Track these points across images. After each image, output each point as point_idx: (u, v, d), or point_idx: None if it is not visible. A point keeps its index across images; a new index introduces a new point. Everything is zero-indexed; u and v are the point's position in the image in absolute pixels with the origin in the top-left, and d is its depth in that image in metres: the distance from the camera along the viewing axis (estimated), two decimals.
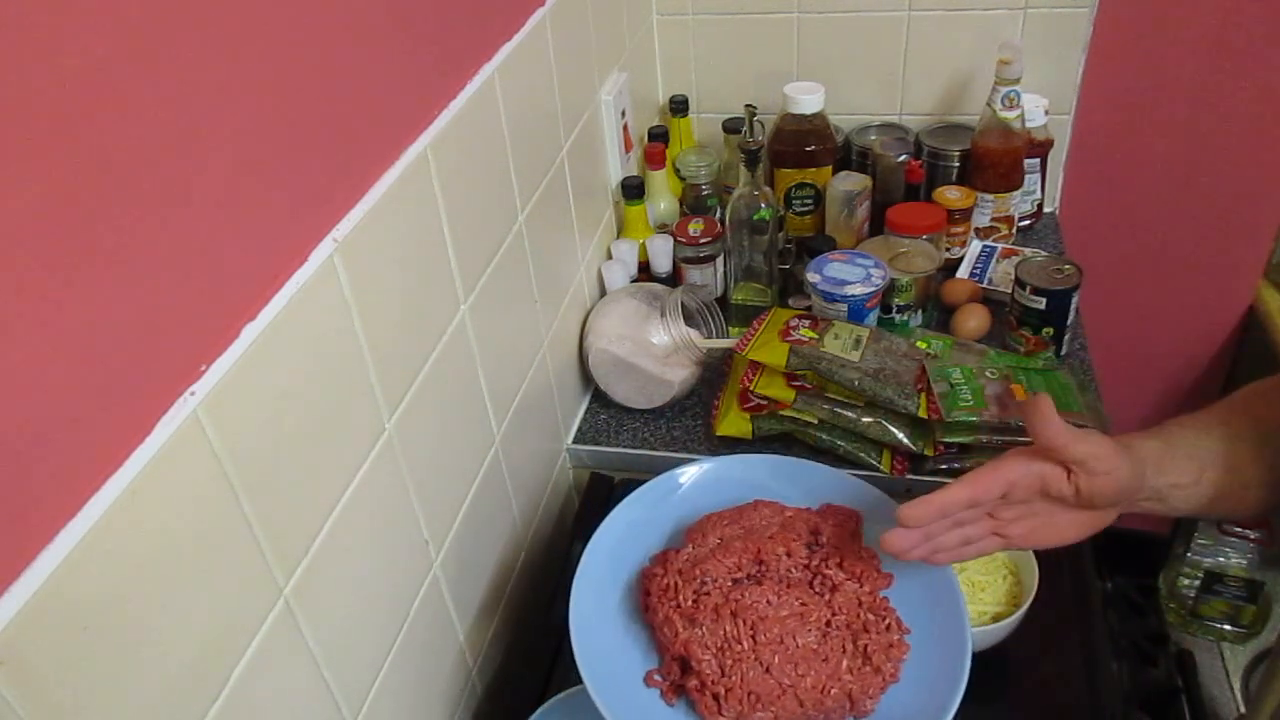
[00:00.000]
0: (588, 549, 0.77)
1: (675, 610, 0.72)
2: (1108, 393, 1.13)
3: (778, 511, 0.79)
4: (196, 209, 0.51)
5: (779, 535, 0.76)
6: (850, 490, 0.82)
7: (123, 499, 0.46)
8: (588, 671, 0.68)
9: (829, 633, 0.71)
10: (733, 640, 0.69)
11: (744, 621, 0.70)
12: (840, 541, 0.76)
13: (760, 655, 0.69)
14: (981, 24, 1.36)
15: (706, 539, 0.76)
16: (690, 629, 0.70)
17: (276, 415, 0.59)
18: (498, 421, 0.94)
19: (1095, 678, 0.84)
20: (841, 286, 1.12)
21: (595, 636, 0.72)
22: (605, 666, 0.69)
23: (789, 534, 0.76)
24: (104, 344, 0.46)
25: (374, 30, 0.68)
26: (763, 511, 0.79)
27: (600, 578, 0.77)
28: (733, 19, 1.43)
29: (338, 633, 0.67)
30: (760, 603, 0.71)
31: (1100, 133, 1.46)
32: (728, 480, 0.84)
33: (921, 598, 0.74)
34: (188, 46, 0.50)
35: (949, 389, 1.04)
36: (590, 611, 0.73)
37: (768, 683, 0.68)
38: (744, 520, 0.78)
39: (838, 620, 0.71)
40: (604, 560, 0.77)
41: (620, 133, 1.27)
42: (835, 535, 0.76)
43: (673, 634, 0.70)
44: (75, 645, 0.44)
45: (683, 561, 0.75)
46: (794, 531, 0.76)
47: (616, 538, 0.79)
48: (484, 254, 0.88)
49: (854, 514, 0.79)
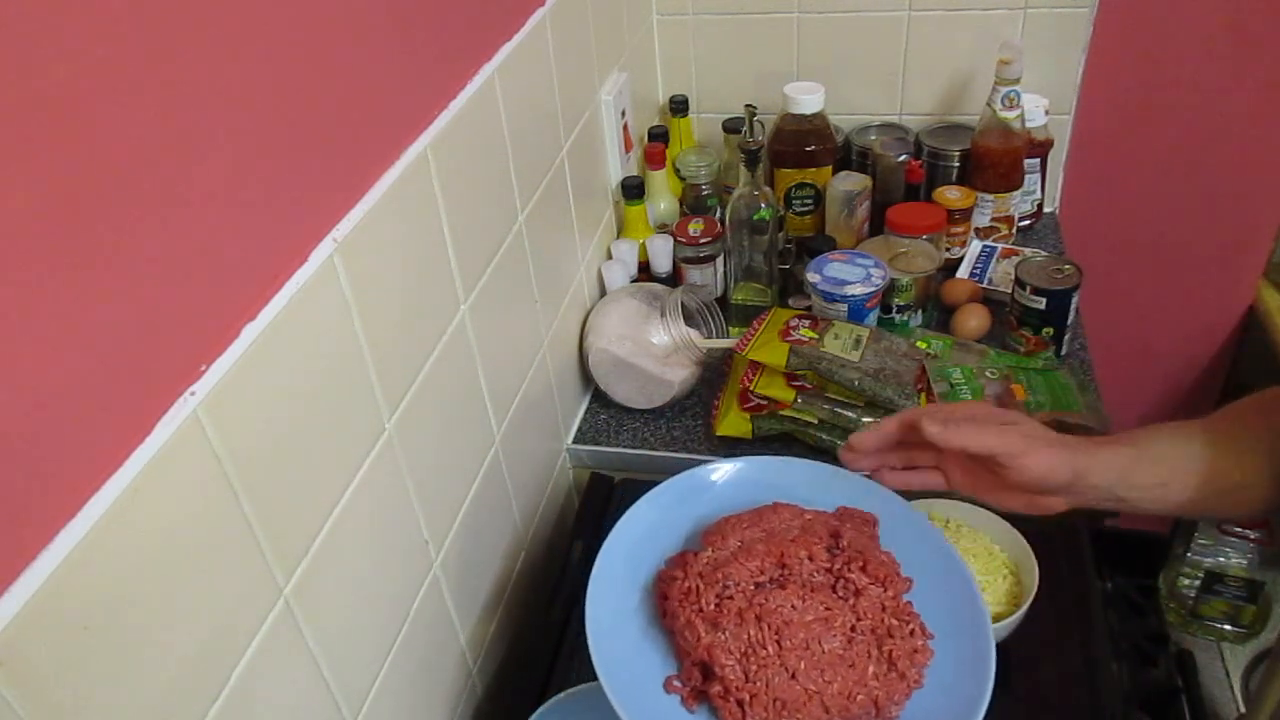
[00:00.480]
0: (602, 552, 0.76)
1: (697, 614, 0.70)
2: (1108, 393, 1.13)
3: (797, 514, 0.77)
4: (196, 209, 0.51)
5: (800, 538, 0.74)
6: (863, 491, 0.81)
7: (123, 499, 0.46)
8: (607, 678, 0.66)
9: (854, 638, 0.70)
10: (757, 645, 0.68)
11: (768, 626, 0.68)
12: (861, 545, 0.74)
13: (786, 661, 0.67)
14: (981, 24, 1.36)
15: (726, 541, 0.75)
16: (713, 633, 0.68)
17: (276, 415, 0.59)
18: (498, 421, 0.94)
19: (1095, 678, 0.84)
20: (841, 286, 1.12)
21: (613, 641, 0.70)
22: (624, 672, 0.68)
23: (810, 537, 0.74)
24: (104, 344, 0.46)
25: (374, 30, 0.68)
26: (782, 514, 0.77)
27: (616, 581, 0.75)
28: (733, 19, 1.43)
29: (338, 633, 0.67)
30: (785, 607, 0.69)
31: (1100, 133, 1.46)
32: (743, 482, 0.83)
33: (941, 602, 0.73)
34: (187, 46, 0.50)
35: (949, 389, 1.04)
36: (607, 615, 0.72)
37: (794, 689, 0.66)
38: (764, 523, 0.76)
39: (862, 625, 0.70)
40: (620, 563, 0.76)
41: (620, 133, 1.27)
42: (855, 538, 0.75)
43: (695, 639, 0.69)
44: (75, 645, 0.44)
45: (703, 564, 0.73)
46: (815, 534, 0.75)
47: (632, 541, 0.78)
48: (484, 254, 0.88)
49: (870, 517, 0.78)
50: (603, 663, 0.67)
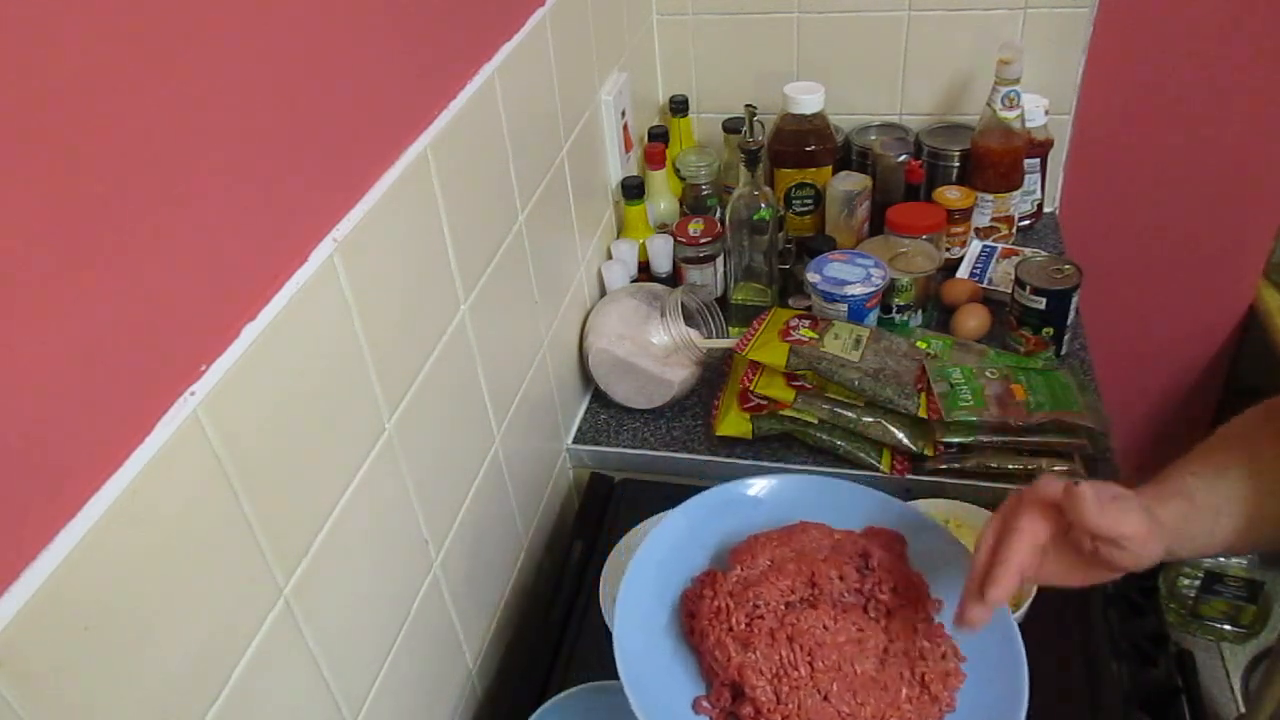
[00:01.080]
0: (629, 571, 0.74)
1: (727, 634, 0.69)
2: (1108, 393, 1.13)
3: (826, 533, 0.76)
4: (196, 209, 0.51)
5: (831, 557, 0.73)
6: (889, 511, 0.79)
7: (123, 499, 0.46)
8: (635, 697, 0.65)
9: (887, 660, 0.68)
10: (789, 666, 0.67)
11: (800, 647, 0.67)
12: (891, 565, 0.73)
13: (819, 682, 0.66)
14: (981, 24, 1.36)
15: (756, 560, 0.73)
16: (744, 654, 0.67)
17: (276, 415, 0.59)
18: (498, 421, 0.94)
19: (1095, 678, 0.84)
20: (841, 286, 1.12)
21: (641, 661, 0.69)
22: (652, 691, 0.67)
23: (840, 556, 0.73)
24: (104, 344, 0.46)
25: (374, 30, 0.68)
26: (811, 533, 0.76)
27: (643, 600, 0.74)
28: (733, 19, 1.43)
29: (338, 633, 0.67)
30: (816, 628, 0.68)
31: (1100, 133, 1.46)
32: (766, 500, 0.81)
33: None
34: (188, 47, 0.50)
35: (949, 389, 1.04)
36: (635, 635, 0.71)
37: (826, 711, 0.65)
38: (794, 542, 0.75)
39: (895, 647, 0.69)
40: (647, 582, 0.75)
41: (620, 133, 1.27)
42: (885, 558, 0.74)
43: (725, 659, 0.68)
44: (75, 645, 0.44)
45: (732, 583, 0.72)
46: (845, 554, 0.74)
47: (659, 559, 0.76)
48: (484, 254, 0.88)
49: (899, 537, 0.77)
50: (631, 682, 0.66)
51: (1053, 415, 1.00)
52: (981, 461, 1.03)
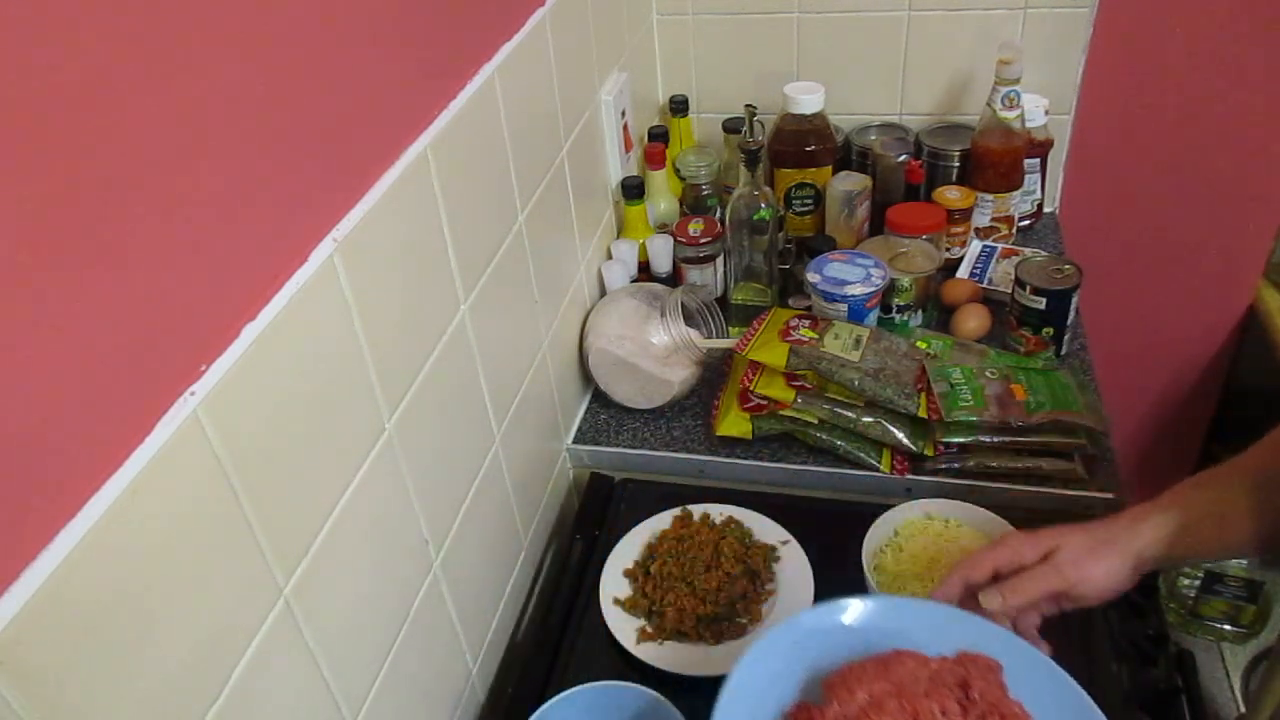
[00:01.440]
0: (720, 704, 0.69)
1: None
2: (1108, 393, 1.13)
3: (922, 663, 0.72)
4: (196, 209, 0.51)
5: (932, 691, 0.69)
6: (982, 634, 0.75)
7: (123, 499, 0.46)
8: None
9: None
10: None
11: None
12: (993, 696, 0.69)
13: None
14: (981, 24, 1.36)
15: (854, 695, 0.69)
16: None
17: (276, 415, 0.59)
18: (498, 421, 0.94)
19: (1095, 678, 0.84)
20: (841, 286, 1.12)
21: None
22: None
23: (940, 689, 0.69)
24: (104, 344, 0.46)
25: (374, 30, 0.68)
26: (907, 663, 0.71)
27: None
28: (733, 19, 1.43)
29: (338, 633, 0.67)
30: None
31: (1100, 133, 1.46)
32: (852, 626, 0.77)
33: None
34: (188, 47, 0.50)
35: (949, 389, 1.04)
36: None
37: None
38: (891, 674, 0.71)
39: None
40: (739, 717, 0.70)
41: (620, 133, 1.27)
42: (985, 689, 0.69)
43: None
44: (75, 645, 0.44)
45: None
46: (944, 685, 0.70)
47: (754, 690, 0.71)
48: (484, 254, 0.88)
49: (995, 664, 0.72)
50: None
51: (1053, 415, 1.00)
52: (981, 461, 1.03)
